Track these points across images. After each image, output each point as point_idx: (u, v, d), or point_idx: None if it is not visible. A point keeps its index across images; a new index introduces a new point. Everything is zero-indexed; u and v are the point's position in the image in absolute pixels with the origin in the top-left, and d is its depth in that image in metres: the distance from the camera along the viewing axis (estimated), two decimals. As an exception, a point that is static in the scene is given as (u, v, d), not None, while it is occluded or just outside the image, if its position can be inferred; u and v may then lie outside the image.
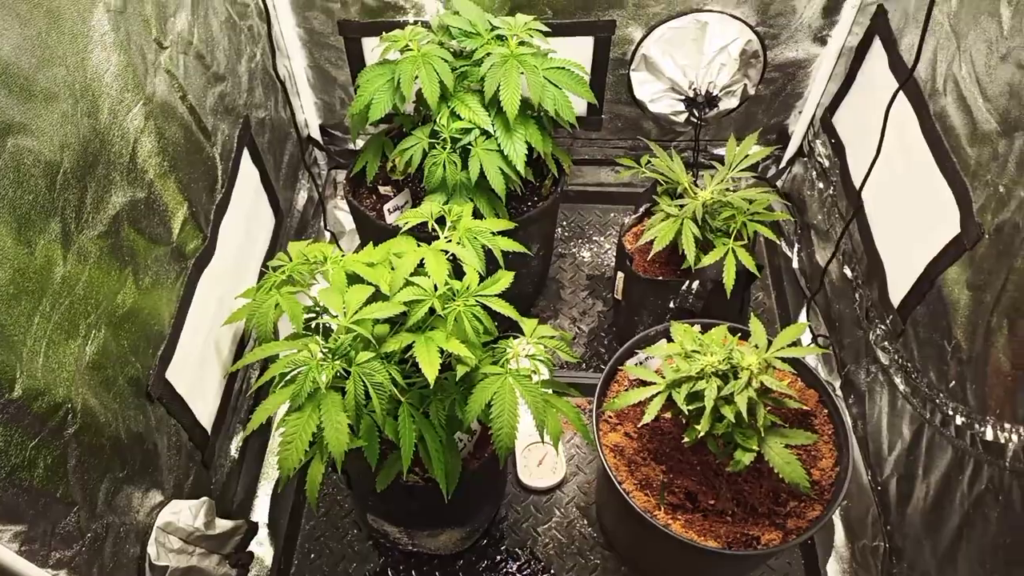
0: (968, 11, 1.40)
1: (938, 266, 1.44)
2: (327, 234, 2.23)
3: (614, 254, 2.25)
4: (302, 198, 2.17)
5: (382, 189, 1.93)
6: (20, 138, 0.96)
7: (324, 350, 1.23)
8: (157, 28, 1.30)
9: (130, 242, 1.24)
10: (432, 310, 1.30)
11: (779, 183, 2.28)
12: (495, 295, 1.35)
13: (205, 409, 1.53)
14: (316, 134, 2.23)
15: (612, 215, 2.35)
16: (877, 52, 1.76)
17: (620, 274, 1.88)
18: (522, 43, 1.61)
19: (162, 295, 1.36)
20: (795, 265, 2.14)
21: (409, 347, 1.28)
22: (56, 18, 1.04)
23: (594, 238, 2.30)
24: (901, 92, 1.57)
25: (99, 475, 1.16)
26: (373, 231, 1.85)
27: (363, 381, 1.18)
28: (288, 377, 1.24)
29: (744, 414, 1.27)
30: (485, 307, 1.32)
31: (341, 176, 2.34)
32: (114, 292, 1.19)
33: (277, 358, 1.33)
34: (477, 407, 1.30)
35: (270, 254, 1.93)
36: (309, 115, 2.17)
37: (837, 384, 1.88)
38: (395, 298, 1.31)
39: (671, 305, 1.78)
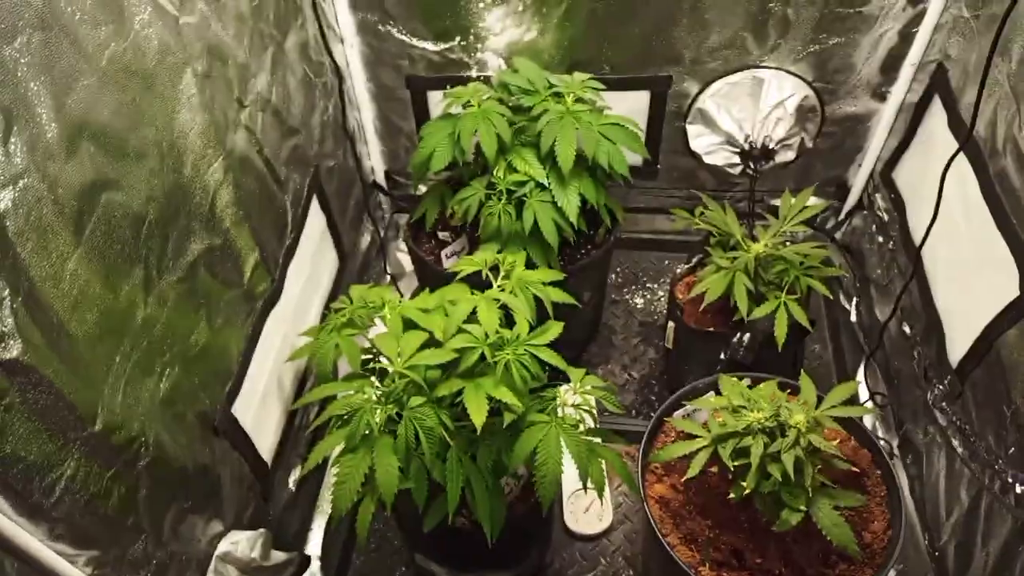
0: (1029, 72, 1.39)
1: (996, 329, 1.41)
2: (387, 276, 2.32)
3: (667, 301, 2.26)
4: (365, 240, 2.27)
5: (441, 235, 2.01)
6: (112, 193, 1.06)
7: (378, 394, 1.29)
8: (239, 89, 1.41)
9: (205, 286, 1.33)
10: (483, 357, 1.35)
11: (838, 235, 2.26)
12: (544, 344, 1.39)
13: (266, 443, 1.61)
14: (381, 180, 2.33)
15: (666, 263, 2.37)
16: (936, 110, 1.75)
17: (671, 324, 1.90)
18: (579, 100, 1.67)
19: (232, 334, 1.45)
20: (853, 319, 2.12)
21: (459, 392, 1.34)
22: (150, 84, 1.15)
23: (648, 285, 2.32)
24: (961, 152, 1.56)
25: (166, 505, 1.23)
26: (431, 275, 1.93)
27: (414, 425, 1.23)
28: (344, 418, 1.30)
29: (791, 473, 1.27)
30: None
31: (403, 220, 2.43)
32: (188, 332, 1.28)
33: (335, 398, 1.40)
34: (522, 454, 1.33)
35: (333, 294, 2.02)
36: (375, 162, 2.28)
37: (895, 443, 1.83)
38: (447, 344, 1.37)
39: (722, 356, 1.78)
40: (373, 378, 1.48)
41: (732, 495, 1.36)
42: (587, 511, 1.83)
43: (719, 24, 1.85)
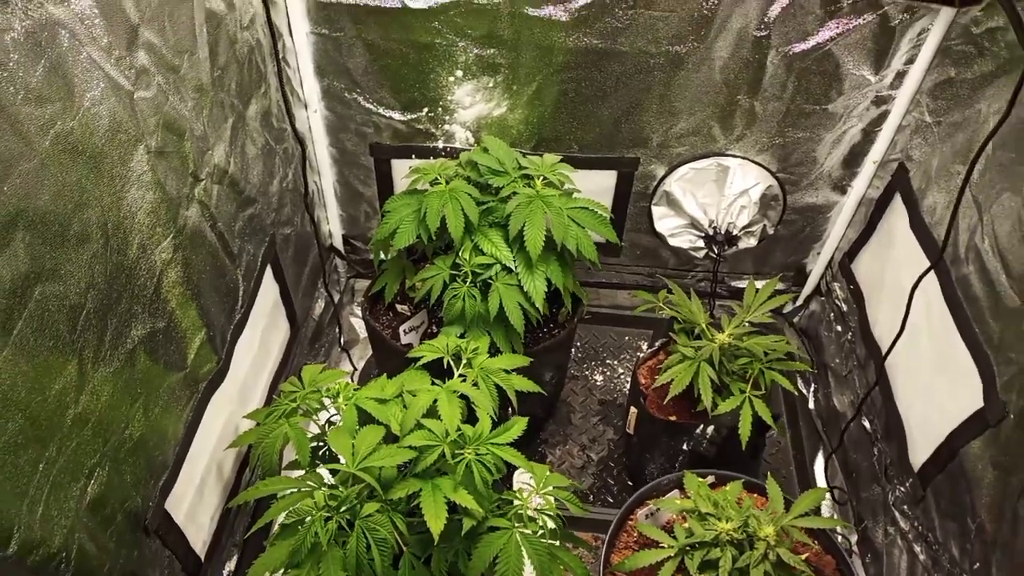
0: (990, 184, 1.42)
1: (960, 438, 1.41)
2: (340, 343, 2.22)
3: (627, 380, 2.23)
4: (319, 306, 2.18)
5: (400, 307, 1.93)
6: (47, 285, 0.97)
7: (328, 498, 1.19)
8: (195, 163, 1.33)
9: (144, 373, 1.23)
10: (442, 454, 1.28)
11: (796, 319, 2.27)
12: (507, 443, 1.33)
13: (199, 535, 1.49)
14: (339, 244, 2.26)
15: (627, 338, 2.34)
16: (897, 207, 1.77)
17: (633, 409, 1.85)
18: (548, 183, 1.64)
19: (170, 422, 1.34)
20: (811, 406, 2.11)
21: (415, 493, 1.26)
22: (97, 164, 1.06)
23: (608, 361, 2.28)
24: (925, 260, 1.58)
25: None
26: (387, 351, 1.85)
27: (366, 537, 1.15)
28: (289, 521, 1.20)
29: (759, 589, 1.23)
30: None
31: (359, 285, 2.36)
32: (123, 426, 1.18)
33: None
34: (481, 563, 1.26)
35: (283, 364, 1.92)
36: (334, 226, 2.21)
37: (853, 539, 1.81)
38: (405, 440, 1.30)
39: (684, 447, 1.74)
40: (324, 469, 1.40)
41: (697, 608, 1.31)
42: (541, 606, 1.75)
43: (687, 112, 1.86)
